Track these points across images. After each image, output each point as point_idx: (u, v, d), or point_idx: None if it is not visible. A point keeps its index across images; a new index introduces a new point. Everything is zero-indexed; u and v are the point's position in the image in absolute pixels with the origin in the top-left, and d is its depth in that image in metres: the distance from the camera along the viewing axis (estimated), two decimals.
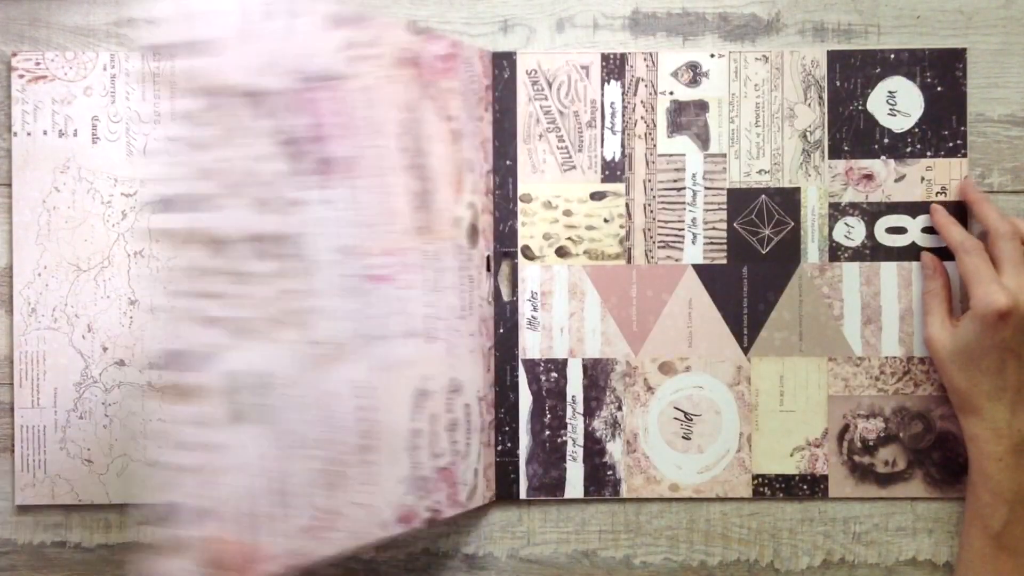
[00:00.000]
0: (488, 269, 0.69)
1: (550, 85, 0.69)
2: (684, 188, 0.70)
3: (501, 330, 0.69)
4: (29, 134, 0.69)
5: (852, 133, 0.69)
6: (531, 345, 0.69)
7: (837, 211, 0.70)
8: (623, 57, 0.69)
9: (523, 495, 0.69)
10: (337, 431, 0.58)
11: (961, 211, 0.69)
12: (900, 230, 0.70)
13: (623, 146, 0.70)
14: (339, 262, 0.58)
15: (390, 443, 0.61)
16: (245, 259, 0.55)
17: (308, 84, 0.57)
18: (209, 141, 0.54)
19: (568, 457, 0.69)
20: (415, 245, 0.63)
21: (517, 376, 0.69)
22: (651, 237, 0.69)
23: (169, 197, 0.53)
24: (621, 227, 0.69)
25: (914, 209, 0.69)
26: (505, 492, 0.69)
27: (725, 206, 0.70)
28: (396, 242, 0.61)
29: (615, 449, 0.69)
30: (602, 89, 0.69)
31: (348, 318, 0.59)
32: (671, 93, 0.70)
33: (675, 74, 0.70)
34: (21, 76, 0.69)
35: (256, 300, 0.55)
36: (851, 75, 0.69)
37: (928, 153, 0.69)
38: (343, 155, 0.59)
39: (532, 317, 0.69)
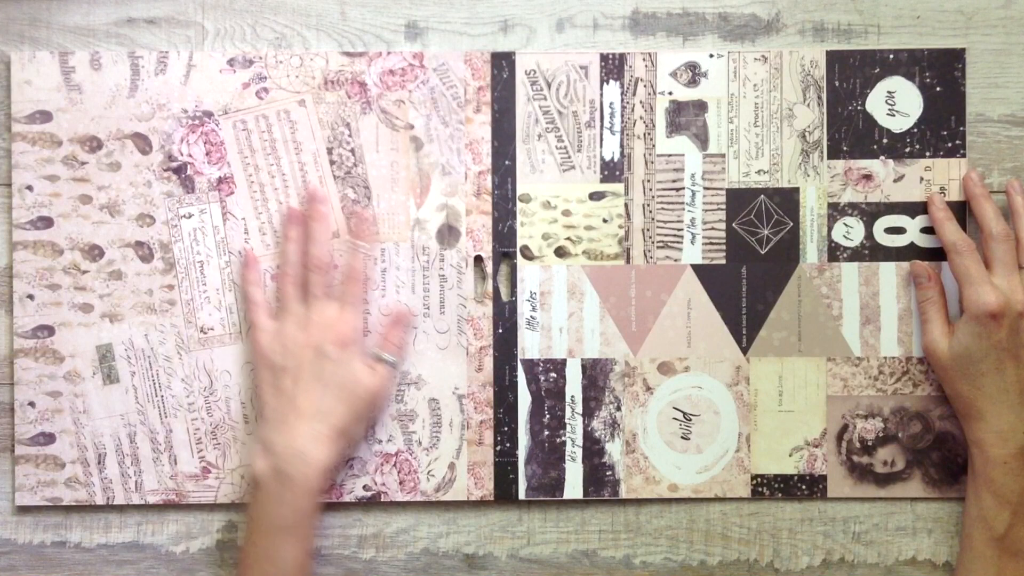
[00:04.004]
0: (479, 268, 0.69)
1: (549, 85, 0.69)
2: (683, 188, 0.70)
3: (500, 330, 0.69)
4: None
5: (851, 133, 0.69)
6: (530, 345, 0.69)
7: (836, 211, 0.70)
8: (622, 57, 0.69)
9: (522, 495, 0.69)
10: (224, 401, 0.69)
11: (963, 210, 0.69)
12: (899, 230, 0.69)
13: (622, 146, 0.70)
14: (229, 263, 0.68)
15: None
16: (123, 261, 0.68)
17: (201, 120, 0.68)
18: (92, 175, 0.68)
19: (567, 457, 0.69)
20: (345, 247, 0.68)
21: (516, 376, 0.69)
22: (650, 237, 0.69)
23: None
24: (620, 227, 0.69)
25: (913, 209, 0.69)
26: (504, 492, 0.69)
27: (724, 206, 0.70)
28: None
29: (614, 449, 0.69)
30: (601, 89, 0.69)
31: (241, 310, 0.69)
32: (670, 93, 0.70)
33: (674, 74, 0.70)
34: None
35: (127, 292, 0.68)
36: (850, 75, 0.69)
37: (927, 153, 0.69)
38: (238, 174, 0.68)
39: (531, 317, 0.69)
